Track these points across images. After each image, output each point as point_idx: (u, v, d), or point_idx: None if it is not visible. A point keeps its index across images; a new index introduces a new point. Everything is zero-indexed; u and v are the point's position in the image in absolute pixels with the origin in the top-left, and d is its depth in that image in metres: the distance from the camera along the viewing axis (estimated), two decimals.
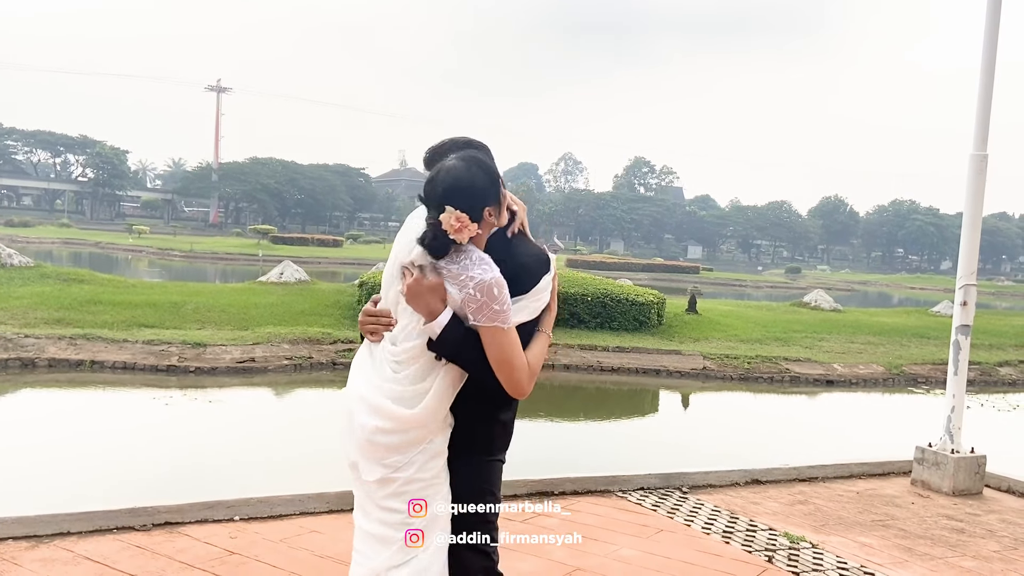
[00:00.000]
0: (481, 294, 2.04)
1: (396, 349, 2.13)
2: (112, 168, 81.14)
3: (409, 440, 2.09)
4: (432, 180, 2.08)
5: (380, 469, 2.10)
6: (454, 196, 2.03)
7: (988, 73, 5.89)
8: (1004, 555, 4.56)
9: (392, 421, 2.08)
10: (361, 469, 2.14)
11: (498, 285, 2.04)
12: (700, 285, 22.33)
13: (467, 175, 2.06)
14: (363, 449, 2.12)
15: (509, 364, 2.07)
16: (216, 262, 40.44)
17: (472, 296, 2.04)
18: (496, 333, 2.05)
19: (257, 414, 9.44)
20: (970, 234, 5.95)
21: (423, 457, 2.11)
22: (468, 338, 2.07)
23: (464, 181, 2.06)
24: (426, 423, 2.10)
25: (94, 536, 3.88)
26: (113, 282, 15.81)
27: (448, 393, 2.13)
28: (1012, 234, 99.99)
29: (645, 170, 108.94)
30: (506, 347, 2.06)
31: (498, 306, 2.04)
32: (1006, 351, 16.52)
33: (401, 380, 2.11)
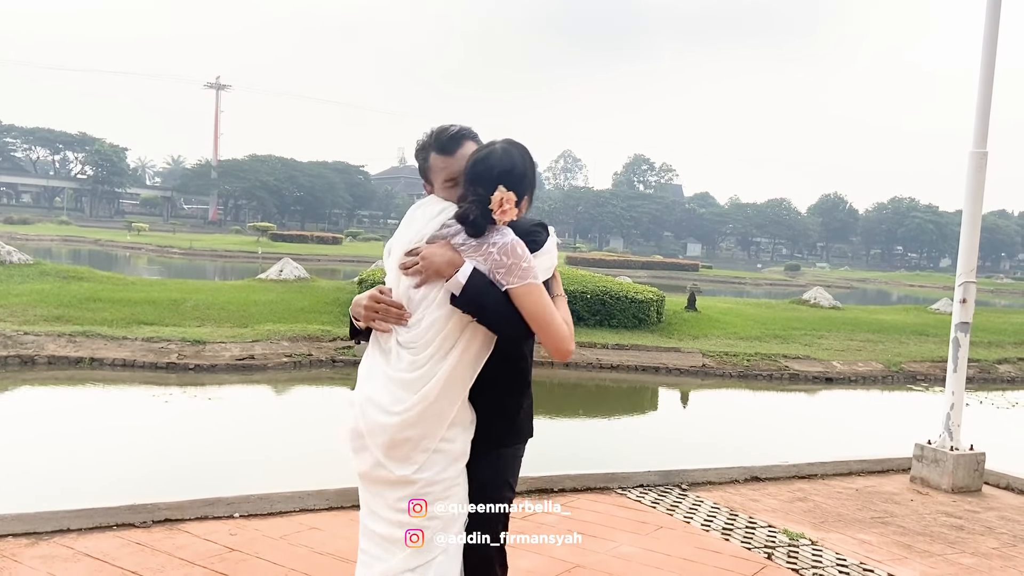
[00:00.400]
0: (507, 256, 2.09)
1: (410, 334, 2.12)
2: (111, 165, 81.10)
3: (431, 429, 2.09)
4: (485, 160, 2.14)
5: (407, 466, 2.09)
6: (508, 179, 2.11)
7: (988, 71, 5.89)
8: (1003, 552, 4.57)
9: (412, 409, 2.07)
10: (388, 467, 2.10)
11: (519, 244, 2.10)
12: (699, 283, 22.33)
13: (520, 162, 2.17)
14: (388, 449, 2.09)
15: (551, 319, 2.11)
16: (215, 259, 40.43)
17: (499, 260, 2.09)
18: (532, 290, 2.09)
19: (257, 411, 9.45)
20: (970, 231, 5.96)
21: (445, 460, 2.11)
22: (493, 290, 2.09)
23: (519, 167, 2.16)
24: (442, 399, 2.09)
25: (94, 533, 3.88)
26: (112, 279, 15.81)
27: (469, 368, 2.13)
28: (1011, 232, 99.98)
29: (644, 167, 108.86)
30: (544, 302, 2.11)
31: (526, 263, 2.09)
32: (1005, 348, 16.54)
33: (419, 364, 2.10)
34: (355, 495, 4.54)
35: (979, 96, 5.92)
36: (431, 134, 2.28)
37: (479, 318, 2.10)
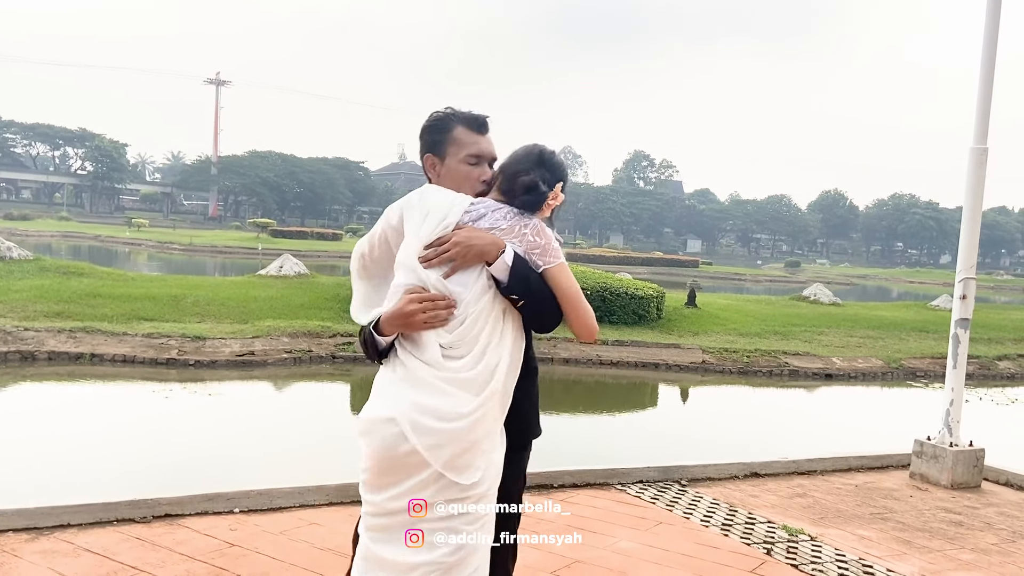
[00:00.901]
0: (540, 236, 2.11)
1: (453, 335, 2.01)
2: (111, 161, 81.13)
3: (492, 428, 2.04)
4: (556, 156, 2.23)
5: (473, 472, 2.01)
6: (565, 183, 2.23)
7: (988, 67, 5.88)
8: (1002, 548, 4.57)
9: (480, 408, 1.99)
10: (454, 477, 1.97)
11: (545, 224, 2.15)
12: (699, 279, 22.34)
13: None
14: (456, 458, 1.97)
15: (580, 298, 2.13)
16: (215, 255, 40.43)
17: (534, 241, 2.10)
18: (564, 269, 2.12)
19: (257, 407, 9.45)
20: (970, 227, 5.95)
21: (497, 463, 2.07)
22: (534, 273, 2.08)
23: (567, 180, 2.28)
24: (505, 394, 2.06)
25: (94, 528, 3.88)
26: (112, 275, 15.81)
27: (518, 357, 2.11)
28: (1011, 228, 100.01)
29: (644, 164, 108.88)
30: (574, 281, 2.13)
31: (555, 243, 2.13)
32: (1005, 345, 16.54)
33: (476, 360, 2.01)
34: (355, 490, 4.55)
35: (979, 92, 5.91)
36: (454, 110, 2.25)
37: (527, 301, 2.05)
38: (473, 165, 2.20)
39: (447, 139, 2.21)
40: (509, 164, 2.20)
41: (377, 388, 2.08)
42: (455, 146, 2.20)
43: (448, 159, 2.21)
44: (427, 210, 2.10)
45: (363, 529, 2.11)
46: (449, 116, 2.23)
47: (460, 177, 2.20)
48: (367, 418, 2.05)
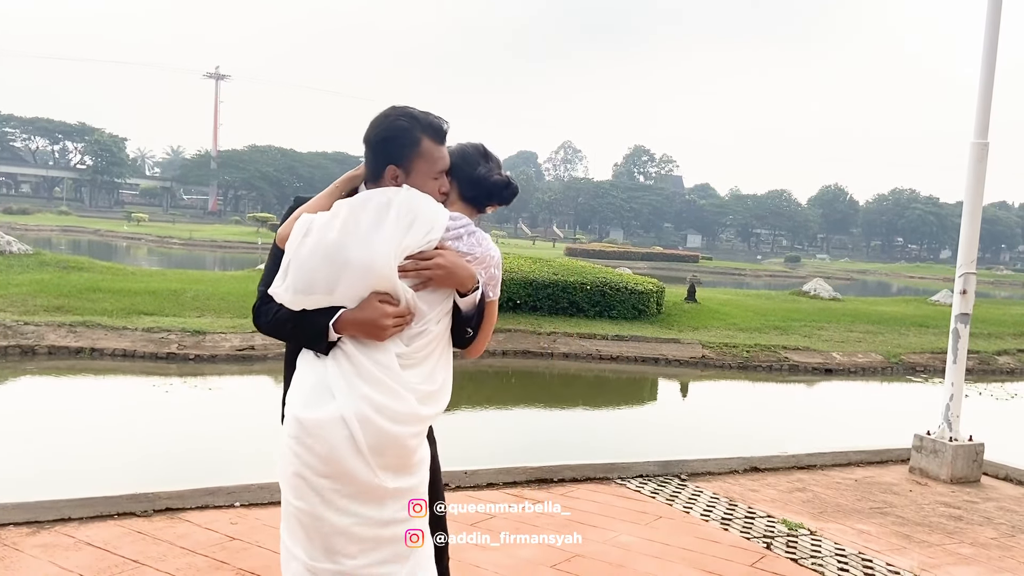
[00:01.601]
0: (498, 270, 2.16)
1: (412, 346, 2.00)
2: (111, 156, 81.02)
3: (423, 437, 2.07)
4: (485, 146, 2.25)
5: (413, 476, 2.02)
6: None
7: (989, 62, 5.87)
8: (1001, 542, 4.58)
9: (420, 424, 2.01)
10: (385, 479, 1.94)
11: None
12: (699, 274, 22.35)
13: None
14: (397, 459, 1.96)
15: (491, 327, 2.21)
16: (215, 250, 40.43)
17: (494, 275, 2.15)
18: (495, 303, 2.19)
19: (257, 402, 9.46)
20: (970, 222, 5.95)
21: (426, 462, 2.09)
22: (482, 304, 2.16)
23: None
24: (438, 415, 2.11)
25: (95, 522, 3.89)
26: (112, 270, 15.80)
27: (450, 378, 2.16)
28: (1012, 223, 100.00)
29: (645, 159, 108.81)
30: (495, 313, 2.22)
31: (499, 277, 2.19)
32: (1005, 340, 16.55)
33: (424, 379, 2.02)
34: None
35: (980, 87, 5.91)
36: (415, 116, 2.07)
37: (470, 332, 2.14)
38: (437, 179, 2.12)
39: (414, 153, 2.06)
40: (461, 169, 2.16)
41: (318, 380, 1.96)
42: (423, 161, 2.07)
43: (414, 175, 2.07)
44: (413, 217, 1.99)
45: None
46: (414, 126, 2.06)
47: (428, 193, 2.08)
48: (312, 418, 1.91)
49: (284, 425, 1.99)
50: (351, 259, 1.94)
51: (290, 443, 1.94)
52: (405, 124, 2.05)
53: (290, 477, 1.95)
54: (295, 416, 1.94)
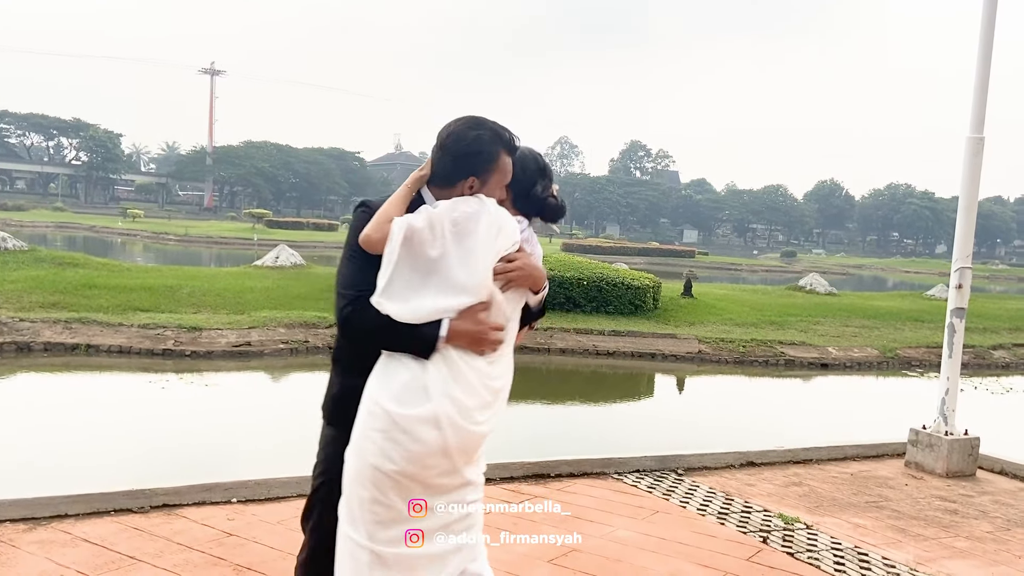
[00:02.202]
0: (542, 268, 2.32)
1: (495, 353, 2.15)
2: (106, 152, 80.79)
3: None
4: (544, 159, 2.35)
5: (479, 466, 2.19)
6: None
7: (985, 57, 5.87)
8: (997, 536, 4.60)
9: (497, 419, 2.17)
10: (467, 474, 2.10)
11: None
12: (696, 269, 22.38)
13: None
14: (472, 455, 2.12)
15: None
16: (211, 246, 40.36)
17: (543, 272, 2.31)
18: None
19: (254, 398, 9.45)
20: (966, 216, 5.96)
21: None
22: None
23: None
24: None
25: (92, 518, 3.89)
26: (108, 266, 15.77)
27: None
28: (1007, 218, 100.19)
29: (641, 154, 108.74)
30: None
31: None
32: (1000, 334, 16.59)
33: (502, 374, 2.17)
34: None
35: (976, 82, 5.91)
36: (496, 131, 2.18)
37: (535, 326, 2.37)
38: (500, 191, 2.24)
39: (494, 167, 2.17)
40: (519, 181, 2.24)
41: (412, 378, 2.02)
42: (499, 174, 2.19)
43: (488, 186, 2.17)
44: (499, 227, 2.11)
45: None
46: (495, 141, 2.17)
47: (497, 199, 2.22)
48: (406, 415, 1.99)
49: (368, 418, 2.03)
50: (455, 274, 2.04)
51: (375, 436, 2.00)
52: (487, 138, 2.16)
53: (366, 468, 2.01)
54: (387, 411, 2.00)
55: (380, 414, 2.00)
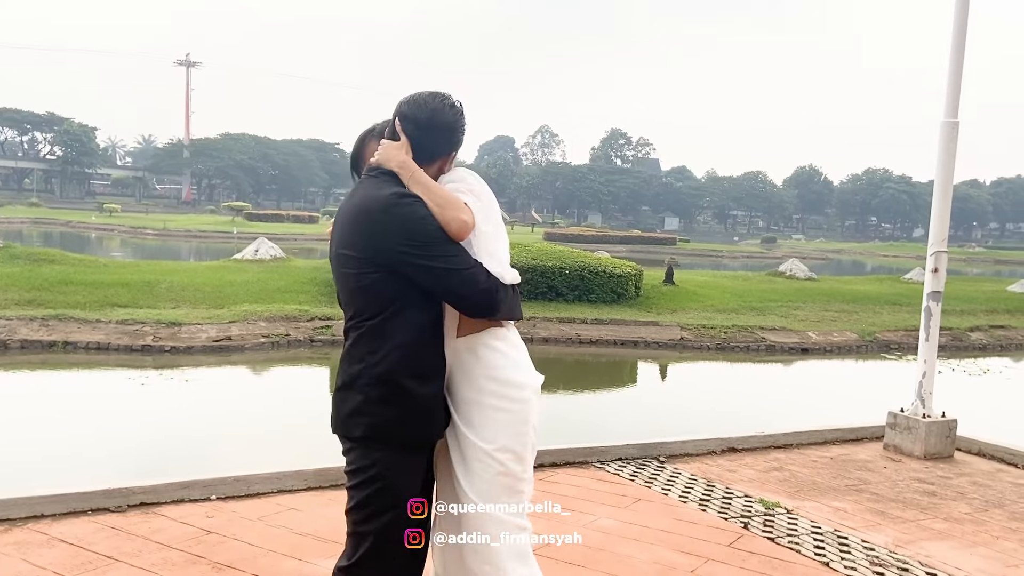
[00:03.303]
0: None
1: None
2: (81, 146, 79.66)
3: None
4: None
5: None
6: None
7: (959, 42, 5.90)
8: (975, 516, 4.65)
9: None
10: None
11: None
12: (677, 256, 22.42)
13: None
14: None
15: None
16: (190, 240, 40.00)
17: None
18: None
19: (234, 393, 9.39)
20: (941, 201, 6.00)
21: None
22: None
23: None
24: None
25: (68, 518, 3.84)
26: (85, 262, 15.59)
27: None
28: (983, 201, 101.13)
29: (622, 142, 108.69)
30: None
31: None
32: (976, 316, 16.79)
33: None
34: (335, 474, 4.54)
35: (950, 66, 5.94)
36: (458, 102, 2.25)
37: None
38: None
39: (463, 140, 2.28)
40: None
41: (520, 353, 2.26)
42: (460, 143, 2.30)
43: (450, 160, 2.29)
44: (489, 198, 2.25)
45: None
46: (463, 113, 2.26)
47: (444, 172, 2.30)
48: (534, 384, 2.25)
49: (521, 388, 2.20)
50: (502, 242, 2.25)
51: (531, 399, 2.22)
52: (461, 112, 2.24)
53: (522, 424, 2.21)
54: (531, 383, 2.22)
55: (530, 384, 2.21)
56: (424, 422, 2.13)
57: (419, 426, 2.13)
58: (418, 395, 2.10)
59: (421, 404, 2.11)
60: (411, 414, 2.10)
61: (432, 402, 2.13)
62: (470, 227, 2.08)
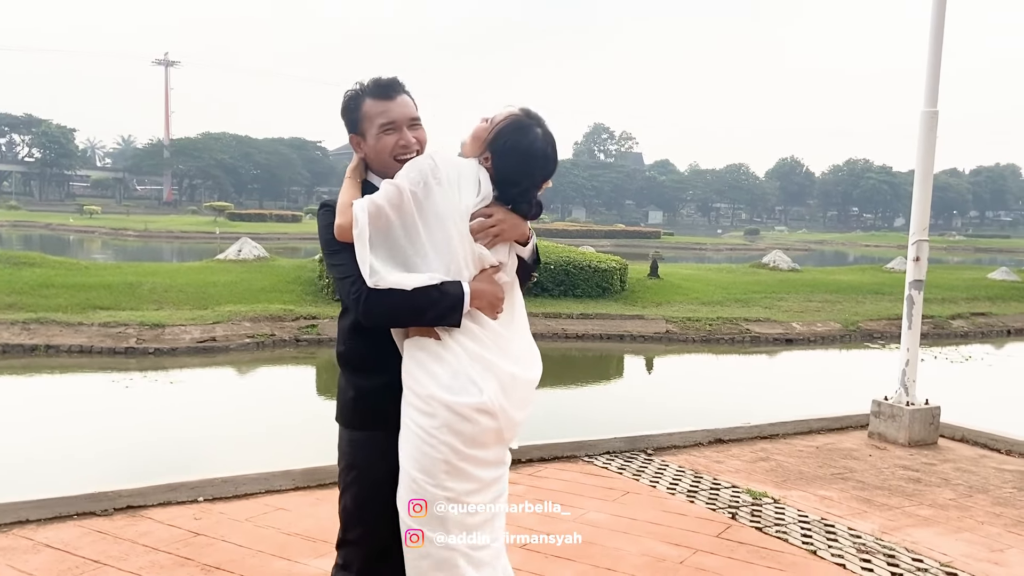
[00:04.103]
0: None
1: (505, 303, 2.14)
2: (60, 147, 78.82)
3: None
4: (549, 158, 2.11)
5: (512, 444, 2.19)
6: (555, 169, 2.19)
7: (937, 30, 5.94)
8: (959, 503, 4.70)
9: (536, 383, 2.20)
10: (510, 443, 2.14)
11: None
12: (661, 250, 22.48)
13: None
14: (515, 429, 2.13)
15: None
16: (172, 241, 39.72)
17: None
18: None
19: (220, 394, 9.34)
20: (922, 190, 6.04)
21: None
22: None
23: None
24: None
25: (54, 523, 3.81)
26: (66, 264, 15.44)
27: None
28: (963, 190, 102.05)
29: (604, 136, 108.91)
30: None
31: None
32: (958, 304, 16.94)
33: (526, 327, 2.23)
34: (323, 474, 4.52)
35: (929, 57, 5.98)
36: (361, 84, 2.19)
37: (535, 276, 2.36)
38: (389, 133, 2.15)
39: (360, 116, 2.17)
40: (503, 167, 2.06)
41: (460, 366, 1.99)
42: (368, 122, 2.16)
43: (367, 137, 2.17)
44: (456, 178, 2.03)
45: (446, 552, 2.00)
46: (358, 92, 2.18)
47: (381, 150, 2.15)
48: (467, 403, 1.96)
49: (424, 419, 1.97)
50: (435, 239, 2.01)
51: (438, 433, 1.96)
52: (351, 92, 2.19)
53: (425, 444, 1.97)
54: (447, 404, 1.96)
55: (438, 410, 1.96)
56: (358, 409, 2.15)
57: (351, 412, 2.16)
58: (354, 385, 2.16)
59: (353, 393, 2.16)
60: (346, 400, 2.18)
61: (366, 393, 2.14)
62: (341, 230, 2.02)
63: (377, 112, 2.14)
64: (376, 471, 2.09)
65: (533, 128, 2.07)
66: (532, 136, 2.06)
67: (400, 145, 2.14)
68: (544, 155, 2.08)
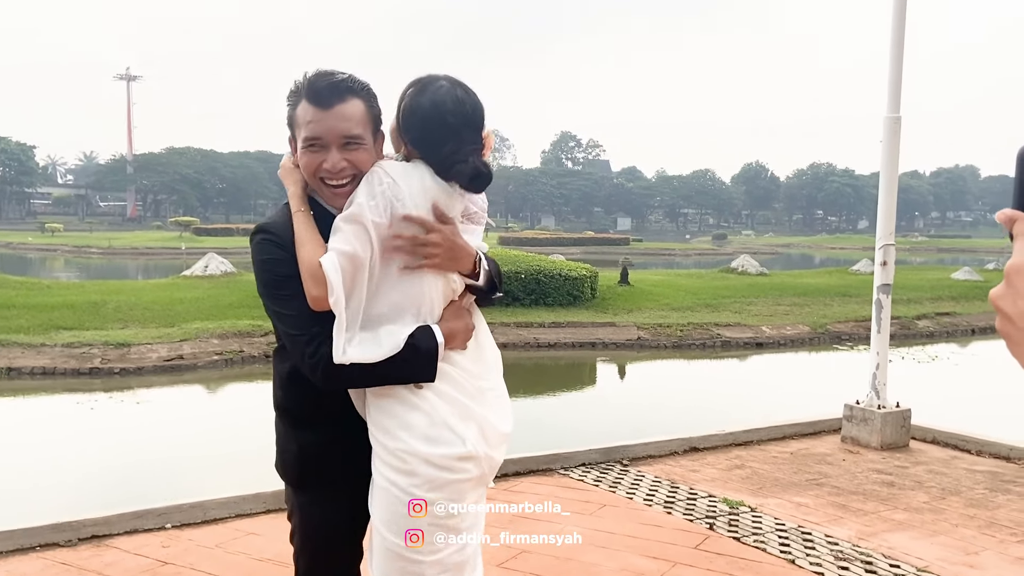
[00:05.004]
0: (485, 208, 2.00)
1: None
2: (19, 165, 77.41)
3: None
4: (462, 101, 1.77)
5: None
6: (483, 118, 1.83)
7: (898, 39, 6.01)
8: (933, 505, 4.72)
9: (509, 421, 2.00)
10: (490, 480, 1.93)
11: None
12: (631, 256, 22.61)
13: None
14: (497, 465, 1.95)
15: None
16: (137, 258, 39.11)
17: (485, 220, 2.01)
18: None
19: (188, 413, 9.16)
20: (887, 195, 6.10)
21: None
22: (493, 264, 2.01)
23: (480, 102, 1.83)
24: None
25: (15, 556, 3.68)
26: (26, 284, 15.13)
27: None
28: (924, 191, 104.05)
29: (572, 144, 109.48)
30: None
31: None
32: (923, 304, 17.21)
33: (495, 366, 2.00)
34: None
35: (891, 63, 6.05)
36: (307, 77, 1.76)
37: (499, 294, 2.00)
38: (314, 151, 1.74)
39: (294, 119, 1.78)
40: (414, 129, 1.78)
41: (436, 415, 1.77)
42: (299, 129, 1.77)
43: (297, 146, 1.79)
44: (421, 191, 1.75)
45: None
46: (298, 88, 1.76)
47: (305, 168, 1.76)
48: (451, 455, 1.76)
49: (404, 477, 1.76)
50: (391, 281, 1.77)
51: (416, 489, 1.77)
52: (292, 87, 1.78)
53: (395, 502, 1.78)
54: (426, 458, 1.75)
55: (418, 466, 1.75)
56: (305, 469, 1.92)
57: (297, 471, 1.93)
58: (296, 439, 1.91)
59: (296, 449, 1.90)
60: (288, 456, 1.93)
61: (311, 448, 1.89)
62: (320, 302, 1.70)
63: (305, 121, 1.74)
64: (332, 542, 1.93)
65: (435, 80, 1.79)
66: (435, 86, 1.77)
67: (325, 169, 1.74)
68: (455, 98, 1.76)
